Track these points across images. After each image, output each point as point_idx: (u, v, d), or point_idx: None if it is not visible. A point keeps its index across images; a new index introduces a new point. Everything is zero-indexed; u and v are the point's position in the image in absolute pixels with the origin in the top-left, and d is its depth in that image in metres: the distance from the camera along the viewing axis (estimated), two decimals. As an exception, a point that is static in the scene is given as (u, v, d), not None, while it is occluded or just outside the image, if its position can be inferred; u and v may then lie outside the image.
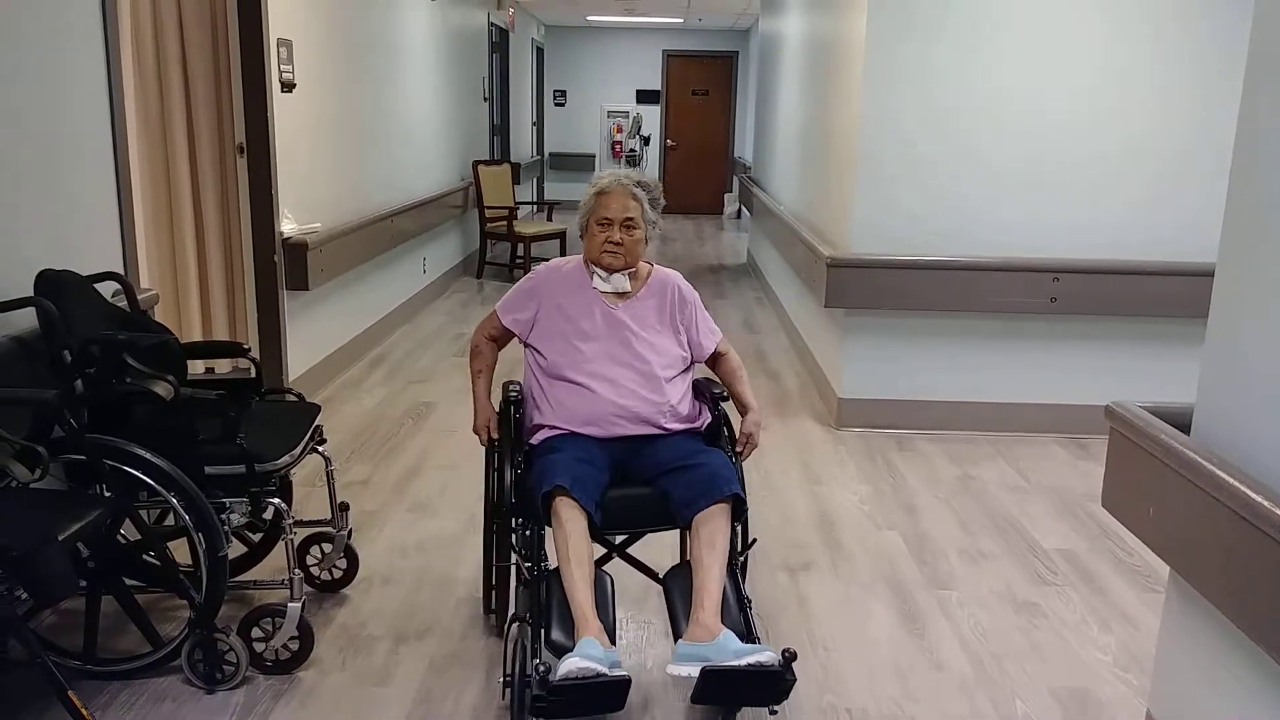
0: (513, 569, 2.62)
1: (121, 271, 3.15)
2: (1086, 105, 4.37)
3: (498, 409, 2.72)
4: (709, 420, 2.71)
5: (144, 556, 2.66)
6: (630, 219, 2.66)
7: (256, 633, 2.58)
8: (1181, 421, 1.98)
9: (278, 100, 4.46)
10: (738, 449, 2.64)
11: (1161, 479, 1.92)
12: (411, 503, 3.73)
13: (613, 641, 2.30)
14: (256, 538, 3.02)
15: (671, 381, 2.64)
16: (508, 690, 2.37)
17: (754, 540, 2.62)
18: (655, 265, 2.81)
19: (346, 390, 5.14)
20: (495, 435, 2.68)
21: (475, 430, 2.72)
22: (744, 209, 10.90)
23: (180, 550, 2.59)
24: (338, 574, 3.05)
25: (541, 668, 2.09)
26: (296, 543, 2.84)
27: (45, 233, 2.83)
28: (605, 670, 2.11)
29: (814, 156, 5.82)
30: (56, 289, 2.51)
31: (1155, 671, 2.20)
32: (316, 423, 2.89)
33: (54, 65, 2.86)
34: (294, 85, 4.65)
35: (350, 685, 2.57)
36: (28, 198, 2.75)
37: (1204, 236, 4.36)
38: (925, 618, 2.99)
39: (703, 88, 14.32)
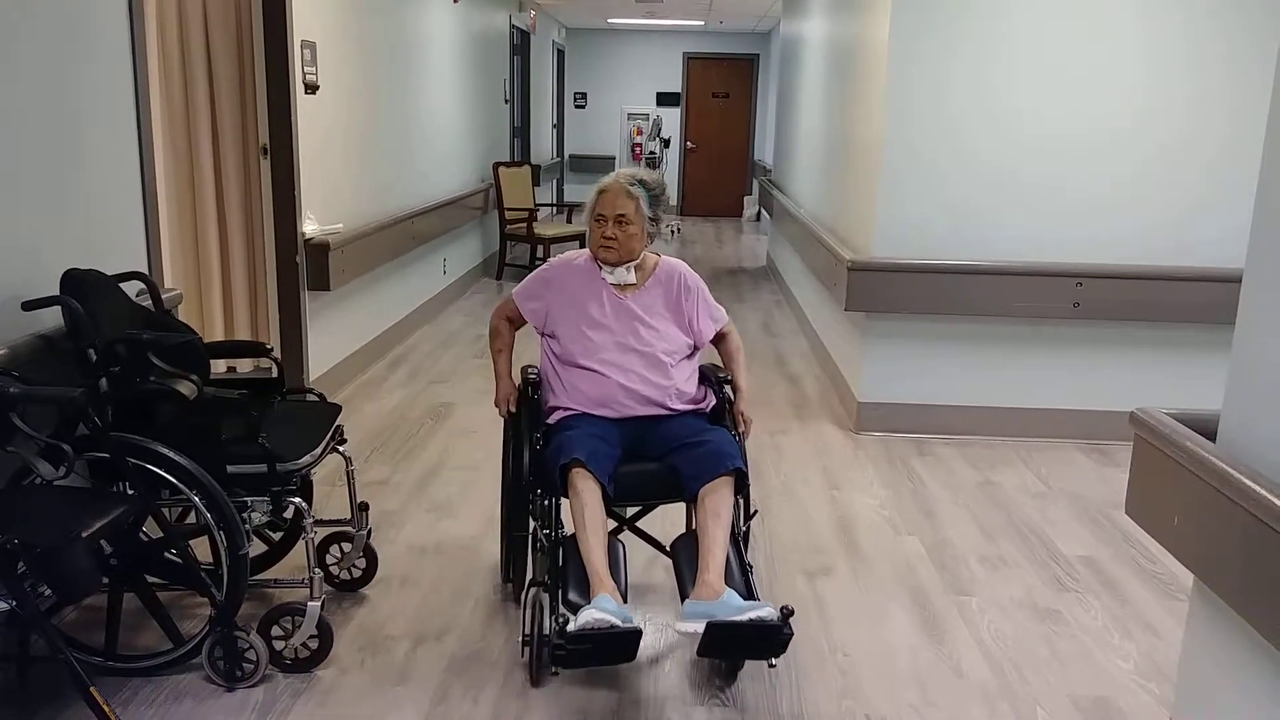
0: (529, 538, 2.78)
1: (146, 271, 3.17)
2: (1114, 114, 4.33)
3: (517, 387, 2.91)
4: (714, 402, 2.88)
5: (166, 554, 2.67)
6: (622, 215, 2.80)
7: (276, 631, 2.60)
8: (1207, 429, 1.96)
9: (301, 102, 4.48)
10: (739, 430, 2.83)
11: (1187, 486, 1.90)
12: (431, 503, 3.74)
13: (624, 602, 2.46)
14: (277, 536, 3.03)
15: (677, 366, 2.83)
16: (526, 649, 2.63)
17: (755, 511, 2.83)
18: (662, 256, 2.97)
19: (367, 390, 5.17)
20: (514, 409, 2.87)
21: (496, 403, 2.91)
22: (764, 212, 10.88)
23: (201, 548, 2.61)
24: (357, 573, 3.07)
25: (561, 619, 2.33)
26: (316, 542, 2.86)
27: (71, 232, 2.85)
28: (619, 622, 2.31)
29: (836, 160, 5.81)
30: (82, 288, 2.53)
31: (1178, 681, 2.18)
32: (337, 423, 2.91)
33: (80, 67, 2.88)
34: (317, 87, 4.68)
35: (369, 685, 2.58)
36: (54, 198, 2.78)
37: (1231, 243, 4.32)
38: (945, 624, 2.97)
39: (723, 90, 14.31)
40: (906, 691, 2.62)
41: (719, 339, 2.97)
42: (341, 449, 2.93)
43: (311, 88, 4.61)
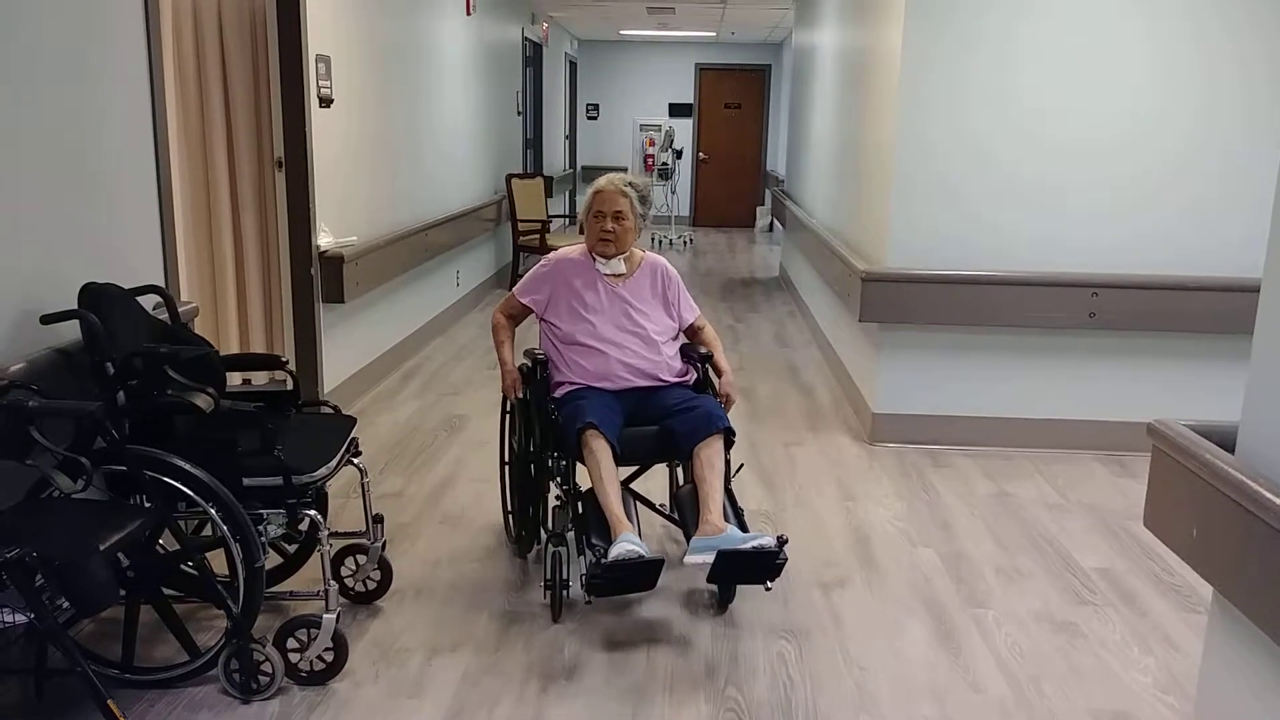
0: (544, 496, 3.22)
1: (163, 284, 3.20)
2: (1127, 122, 4.32)
3: (526, 370, 3.23)
4: (695, 376, 3.27)
5: (182, 566, 2.68)
6: (619, 212, 3.21)
7: (292, 643, 2.60)
8: (1226, 440, 1.95)
9: (316, 115, 4.51)
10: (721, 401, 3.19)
11: (1205, 498, 1.89)
12: (445, 515, 3.75)
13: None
14: (292, 549, 3.04)
15: (665, 344, 3.22)
16: (548, 592, 3.00)
17: (741, 465, 3.39)
18: (646, 252, 3.37)
19: (380, 402, 5.18)
20: (520, 394, 3.21)
21: (504, 390, 3.25)
22: (776, 222, 10.88)
23: (217, 561, 2.62)
24: (372, 585, 3.07)
25: (599, 551, 2.71)
26: (331, 554, 2.86)
27: (89, 246, 2.87)
28: (645, 553, 2.69)
29: (849, 170, 5.80)
30: (100, 302, 2.55)
31: (1198, 695, 2.16)
32: (352, 435, 2.92)
33: (97, 83, 2.91)
34: (332, 100, 4.70)
35: (383, 697, 2.58)
36: (72, 212, 2.80)
37: (1249, 251, 4.30)
38: (961, 637, 2.95)
39: (735, 101, 14.33)
40: (923, 706, 2.60)
41: (696, 332, 3.37)
42: (356, 461, 2.94)
43: (326, 101, 4.64)
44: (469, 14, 7.31)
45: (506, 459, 3.44)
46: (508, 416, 3.39)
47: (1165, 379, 4.52)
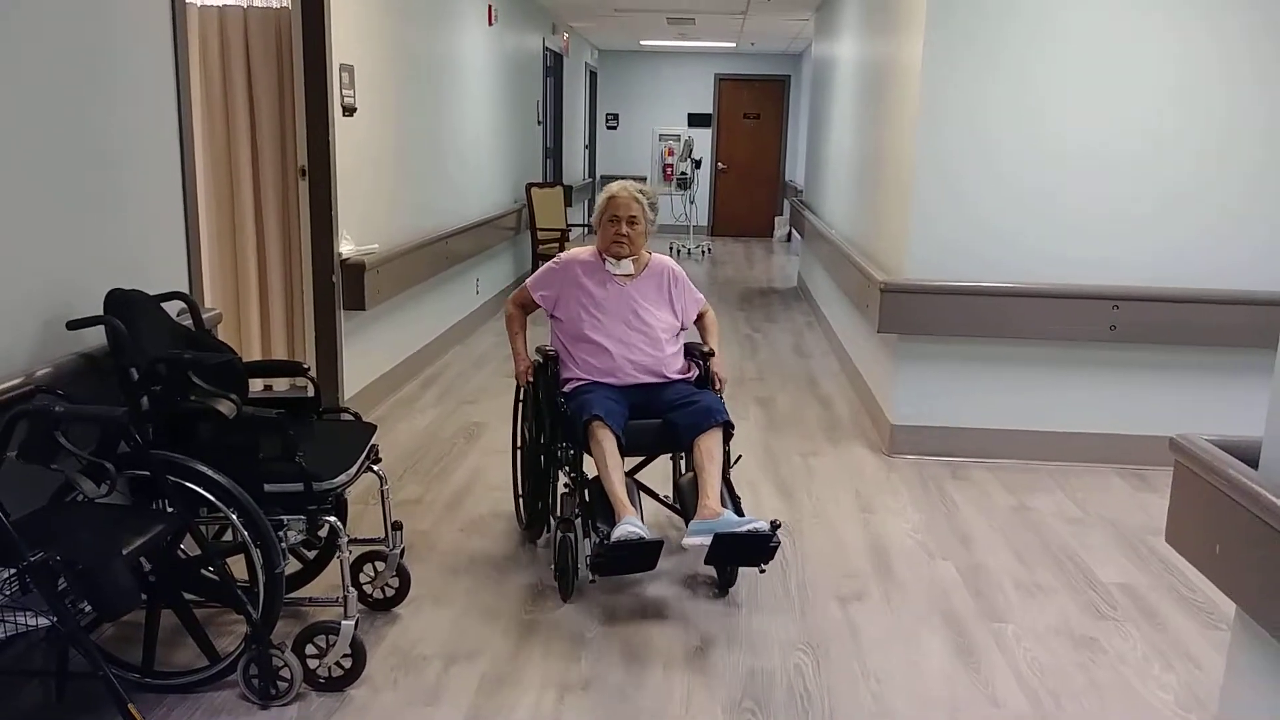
0: (553, 484, 3.37)
1: (187, 291, 3.22)
2: (1148, 136, 4.30)
3: (537, 366, 3.40)
4: (697, 373, 3.44)
5: (203, 571, 2.70)
6: (633, 216, 3.39)
7: (310, 649, 2.61)
8: (1249, 455, 1.93)
9: (339, 124, 4.55)
10: (716, 387, 3.38)
11: (1228, 515, 1.87)
12: (463, 522, 3.76)
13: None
14: (312, 555, 3.05)
15: (669, 341, 3.40)
16: (559, 574, 3.14)
17: (740, 456, 3.62)
18: (653, 253, 3.53)
19: (400, 409, 5.20)
20: (531, 380, 3.41)
21: (517, 376, 3.48)
22: (795, 232, 10.87)
23: (238, 566, 2.63)
24: (390, 592, 3.08)
25: (603, 530, 2.90)
26: (350, 561, 2.87)
27: (115, 253, 2.91)
28: (645, 535, 2.86)
29: (868, 181, 5.80)
30: (125, 308, 2.57)
31: (1220, 713, 2.14)
32: (372, 442, 2.93)
33: (125, 92, 2.94)
34: (355, 109, 4.74)
35: (401, 704, 2.58)
36: (99, 219, 2.83)
37: (1271, 265, 4.27)
38: (980, 652, 2.94)
39: (754, 111, 14.34)
40: None
41: (699, 318, 3.56)
42: (376, 468, 2.95)
43: (349, 110, 4.67)
44: (490, 24, 7.35)
45: (519, 444, 3.59)
46: (520, 404, 3.57)
47: (1186, 392, 4.48)
